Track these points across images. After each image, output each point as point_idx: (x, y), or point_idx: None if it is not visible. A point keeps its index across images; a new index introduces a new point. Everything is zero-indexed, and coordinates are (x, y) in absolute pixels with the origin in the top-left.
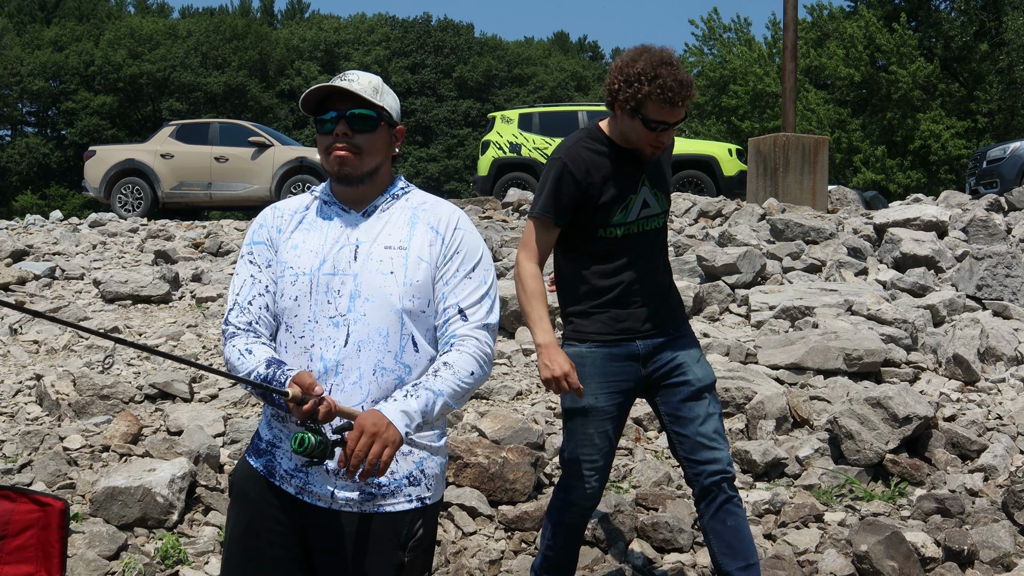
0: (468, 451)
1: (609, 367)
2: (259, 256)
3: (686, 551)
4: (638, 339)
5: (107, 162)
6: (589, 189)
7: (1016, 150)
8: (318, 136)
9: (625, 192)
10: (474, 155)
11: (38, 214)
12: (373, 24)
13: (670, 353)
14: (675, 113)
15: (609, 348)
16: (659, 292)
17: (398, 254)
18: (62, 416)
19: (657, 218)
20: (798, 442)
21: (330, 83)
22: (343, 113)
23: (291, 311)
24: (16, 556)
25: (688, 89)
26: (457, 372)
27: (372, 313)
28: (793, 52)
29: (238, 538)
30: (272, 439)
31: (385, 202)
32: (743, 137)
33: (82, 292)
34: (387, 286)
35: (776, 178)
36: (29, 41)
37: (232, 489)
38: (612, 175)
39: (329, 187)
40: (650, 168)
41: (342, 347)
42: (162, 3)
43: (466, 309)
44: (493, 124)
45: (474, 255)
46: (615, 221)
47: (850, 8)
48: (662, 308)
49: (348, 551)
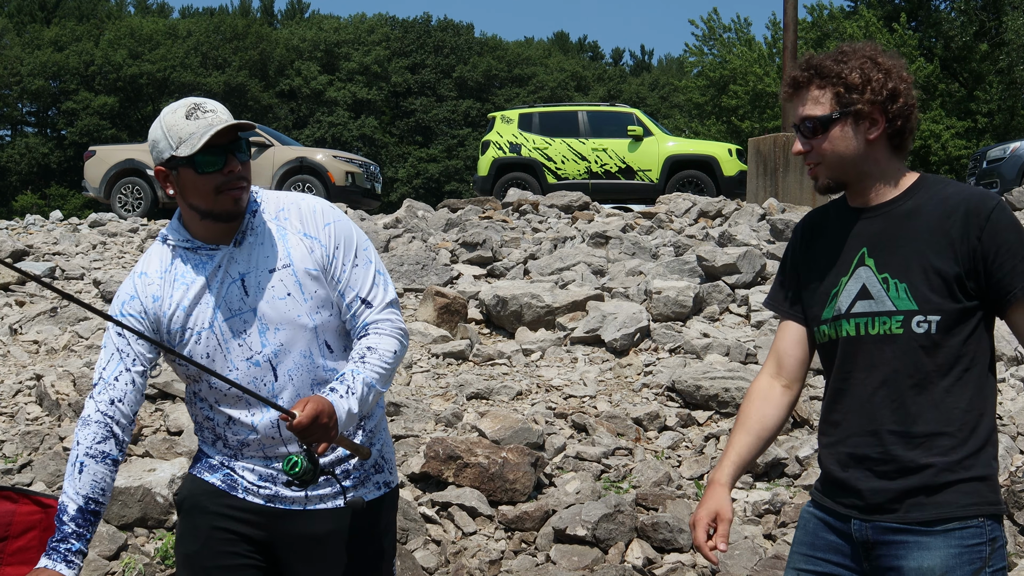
0: (468, 451)
1: (819, 538)
2: (127, 332)
3: (686, 551)
4: (854, 516)
5: (107, 162)
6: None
7: (1016, 150)
8: (197, 178)
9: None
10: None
11: (38, 214)
12: (373, 24)
13: (896, 557)
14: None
15: (823, 513)
16: (894, 446)
17: (285, 274)
18: (62, 416)
19: (885, 320)
20: (798, 442)
21: (210, 125)
22: (228, 150)
23: (205, 371)
24: (18, 557)
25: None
26: (381, 354)
27: (288, 340)
28: (793, 52)
29: (195, 556)
30: (224, 458)
31: (248, 224)
32: (743, 137)
33: (82, 292)
34: (291, 309)
35: (776, 178)
36: (29, 41)
37: (183, 505)
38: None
39: (187, 231)
40: (875, 232)
41: (273, 382)
42: (162, 3)
43: (367, 297)
44: (493, 124)
45: (351, 243)
46: (824, 315)
47: (850, 8)
48: (898, 473)
49: (327, 549)
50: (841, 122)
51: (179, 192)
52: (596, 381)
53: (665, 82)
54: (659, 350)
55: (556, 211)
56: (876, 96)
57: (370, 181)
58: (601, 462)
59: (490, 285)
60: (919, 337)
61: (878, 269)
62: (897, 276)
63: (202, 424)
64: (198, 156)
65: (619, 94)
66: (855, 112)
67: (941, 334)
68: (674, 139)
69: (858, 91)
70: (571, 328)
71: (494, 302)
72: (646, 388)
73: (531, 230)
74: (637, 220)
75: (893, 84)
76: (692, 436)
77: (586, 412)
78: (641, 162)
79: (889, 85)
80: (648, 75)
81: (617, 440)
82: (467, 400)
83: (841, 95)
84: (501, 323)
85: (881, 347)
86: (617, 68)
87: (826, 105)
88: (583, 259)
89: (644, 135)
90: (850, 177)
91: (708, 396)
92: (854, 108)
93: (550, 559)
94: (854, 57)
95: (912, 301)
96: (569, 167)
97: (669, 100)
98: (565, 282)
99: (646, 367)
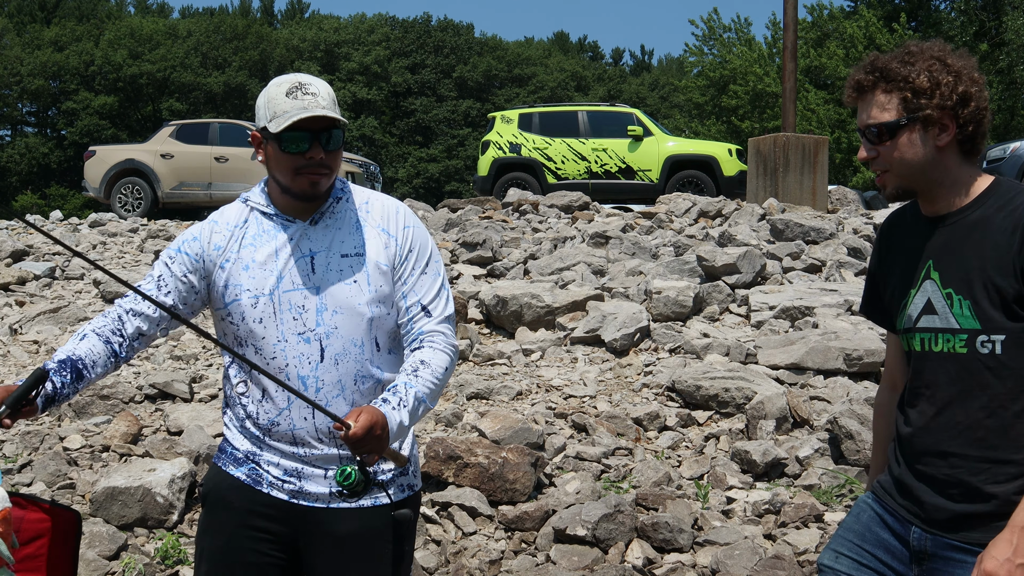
0: (468, 451)
1: (871, 531)
2: (177, 265)
3: (686, 551)
4: (915, 524)
5: (107, 162)
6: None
7: (1016, 150)
8: (280, 155)
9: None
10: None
11: (38, 214)
12: (373, 24)
13: (949, 574)
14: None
15: (882, 509)
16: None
17: (356, 261)
18: (62, 416)
19: (949, 337)
20: (798, 442)
21: (304, 108)
22: (316, 135)
23: (258, 334)
24: (25, 565)
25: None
26: (434, 370)
27: (343, 324)
28: (793, 52)
29: (219, 552)
30: (250, 450)
31: (330, 207)
32: (743, 137)
33: (82, 292)
34: (353, 296)
35: (776, 178)
36: (29, 41)
37: (208, 497)
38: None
39: (268, 197)
40: (941, 243)
41: (319, 362)
42: (162, 3)
43: (428, 305)
44: (493, 124)
45: (425, 250)
46: (898, 326)
47: (850, 8)
48: (963, 497)
49: (349, 548)
50: (909, 128)
51: (266, 161)
52: (596, 381)
53: (665, 82)
54: (659, 350)
55: (556, 211)
56: (946, 101)
57: (370, 181)
58: (601, 462)
59: (490, 285)
60: (985, 358)
61: (942, 284)
62: (961, 292)
63: (235, 400)
64: (285, 134)
65: (619, 94)
66: (924, 118)
67: (1008, 355)
68: (674, 139)
69: (927, 96)
70: (571, 328)
71: (494, 302)
72: (646, 388)
73: (531, 230)
74: (637, 220)
75: (964, 87)
76: (692, 436)
77: (586, 412)
78: (641, 162)
79: (959, 89)
80: (648, 75)
81: (617, 440)
82: (467, 400)
83: (908, 100)
84: (501, 323)
85: (947, 365)
86: (617, 68)
87: (893, 111)
88: (583, 259)
89: (644, 135)
90: (919, 185)
91: (708, 396)
92: (922, 114)
93: (550, 559)
94: (921, 59)
95: (975, 319)
96: (569, 167)
97: (669, 100)
98: (565, 282)
99: (646, 367)
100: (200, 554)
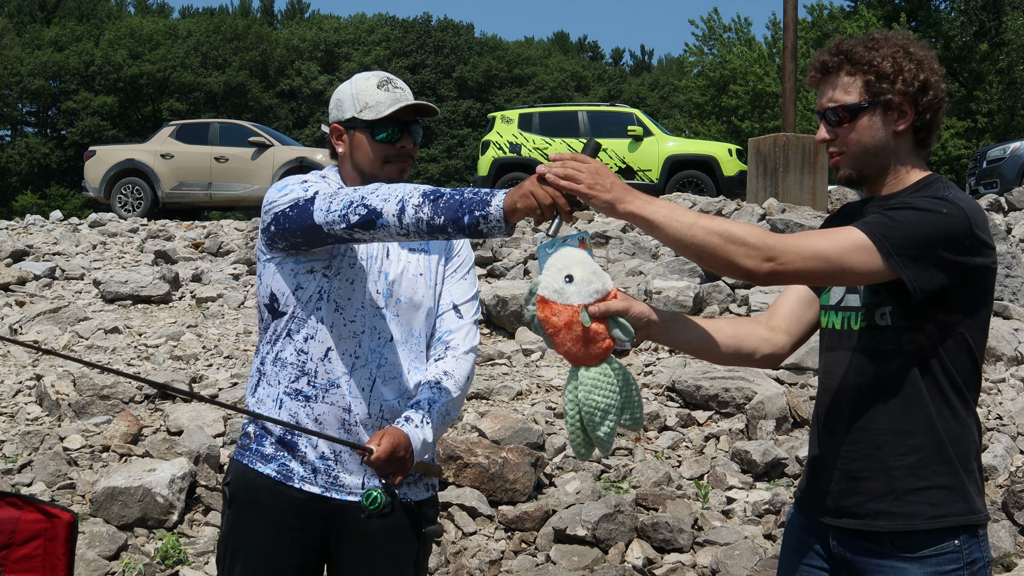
0: (468, 451)
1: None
2: (324, 185)
3: (686, 551)
4: (823, 518)
5: (107, 162)
6: None
7: (1016, 150)
8: (372, 143)
9: None
10: (474, 155)
11: (38, 214)
12: (373, 24)
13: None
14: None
15: (801, 510)
16: (856, 447)
17: (423, 256)
18: (62, 416)
19: (852, 315)
20: (798, 442)
21: (397, 100)
22: (406, 126)
23: (345, 293)
24: (21, 565)
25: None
26: (457, 381)
27: (405, 313)
28: (793, 52)
29: (257, 552)
30: (280, 438)
31: None
32: (743, 137)
33: (82, 292)
34: (419, 288)
35: (776, 178)
36: (29, 41)
37: (236, 497)
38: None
39: (342, 182)
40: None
41: (387, 340)
42: (162, 3)
43: (460, 306)
44: (493, 124)
45: (470, 259)
46: (821, 302)
47: (850, 8)
48: (855, 479)
49: (376, 544)
50: (870, 112)
51: (348, 151)
52: None
53: (665, 82)
54: (659, 350)
55: None
56: (908, 87)
57: None
58: (601, 462)
59: (490, 285)
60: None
61: None
62: None
63: (288, 362)
64: (379, 123)
65: (619, 94)
66: (885, 102)
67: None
68: (674, 139)
69: (889, 80)
70: None
71: (494, 302)
72: (646, 388)
73: (531, 230)
74: None
75: (925, 75)
76: (692, 436)
77: None
78: (641, 162)
79: (921, 76)
80: (648, 75)
81: (617, 440)
82: (467, 400)
83: (872, 83)
84: (501, 323)
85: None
86: (617, 68)
87: (855, 93)
88: None
89: (644, 135)
90: (871, 170)
91: (708, 396)
92: (884, 98)
93: (550, 559)
94: (886, 45)
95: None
96: None
97: (669, 100)
98: None
99: (646, 367)
100: (231, 555)
